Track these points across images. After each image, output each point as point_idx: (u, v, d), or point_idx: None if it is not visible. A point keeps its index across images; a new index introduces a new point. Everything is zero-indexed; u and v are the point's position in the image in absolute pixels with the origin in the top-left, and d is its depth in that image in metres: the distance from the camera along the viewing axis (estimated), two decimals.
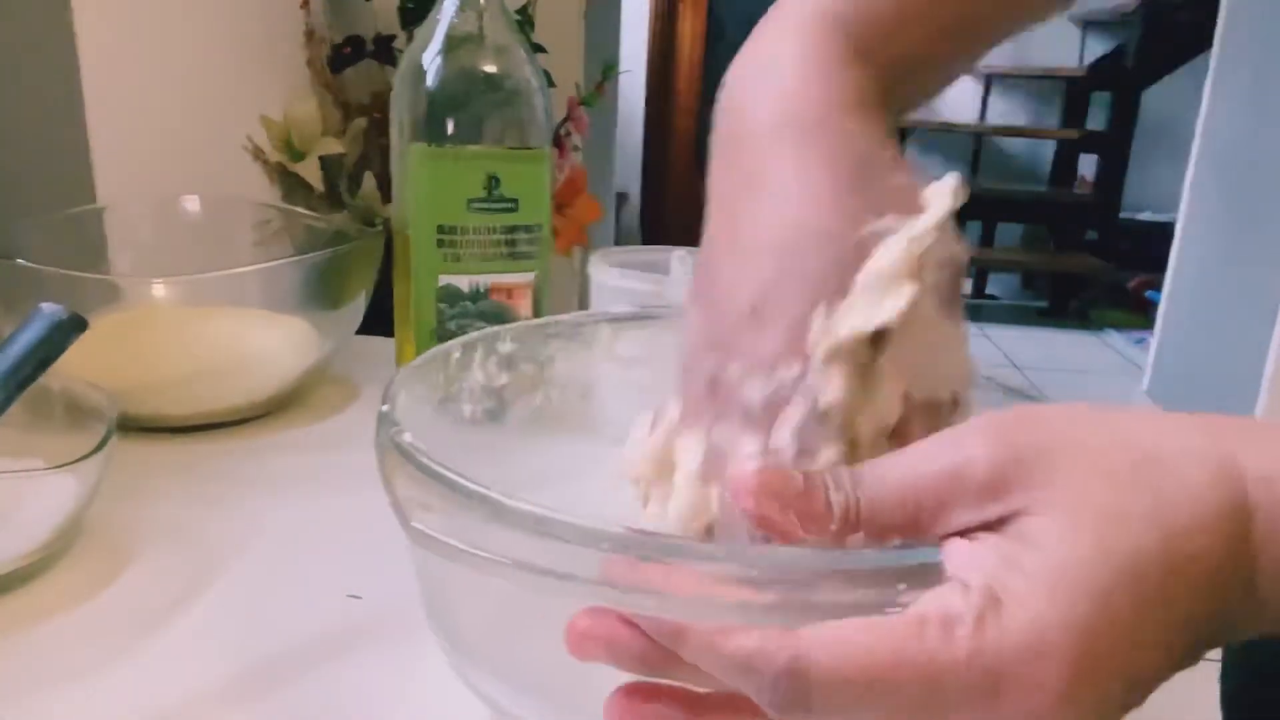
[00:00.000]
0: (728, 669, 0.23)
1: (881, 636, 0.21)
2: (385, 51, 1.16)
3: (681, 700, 0.25)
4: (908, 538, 0.24)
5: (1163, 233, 2.88)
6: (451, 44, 0.56)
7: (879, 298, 0.26)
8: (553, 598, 0.24)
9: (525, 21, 1.18)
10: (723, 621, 0.23)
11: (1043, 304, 3.70)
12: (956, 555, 0.23)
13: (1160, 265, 2.82)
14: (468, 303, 0.58)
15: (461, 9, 0.56)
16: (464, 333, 0.43)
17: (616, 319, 0.45)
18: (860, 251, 0.27)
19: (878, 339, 0.27)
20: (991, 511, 0.23)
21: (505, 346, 0.42)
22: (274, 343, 0.63)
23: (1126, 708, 0.22)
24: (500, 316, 0.58)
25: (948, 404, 0.28)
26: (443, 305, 0.58)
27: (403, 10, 1.16)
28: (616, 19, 2.28)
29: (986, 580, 0.22)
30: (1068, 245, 3.74)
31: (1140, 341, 3.19)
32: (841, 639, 0.22)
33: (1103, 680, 0.21)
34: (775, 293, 0.27)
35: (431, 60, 0.56)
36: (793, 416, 0.27)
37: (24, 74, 0.73)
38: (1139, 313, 3.45)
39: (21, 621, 0.41)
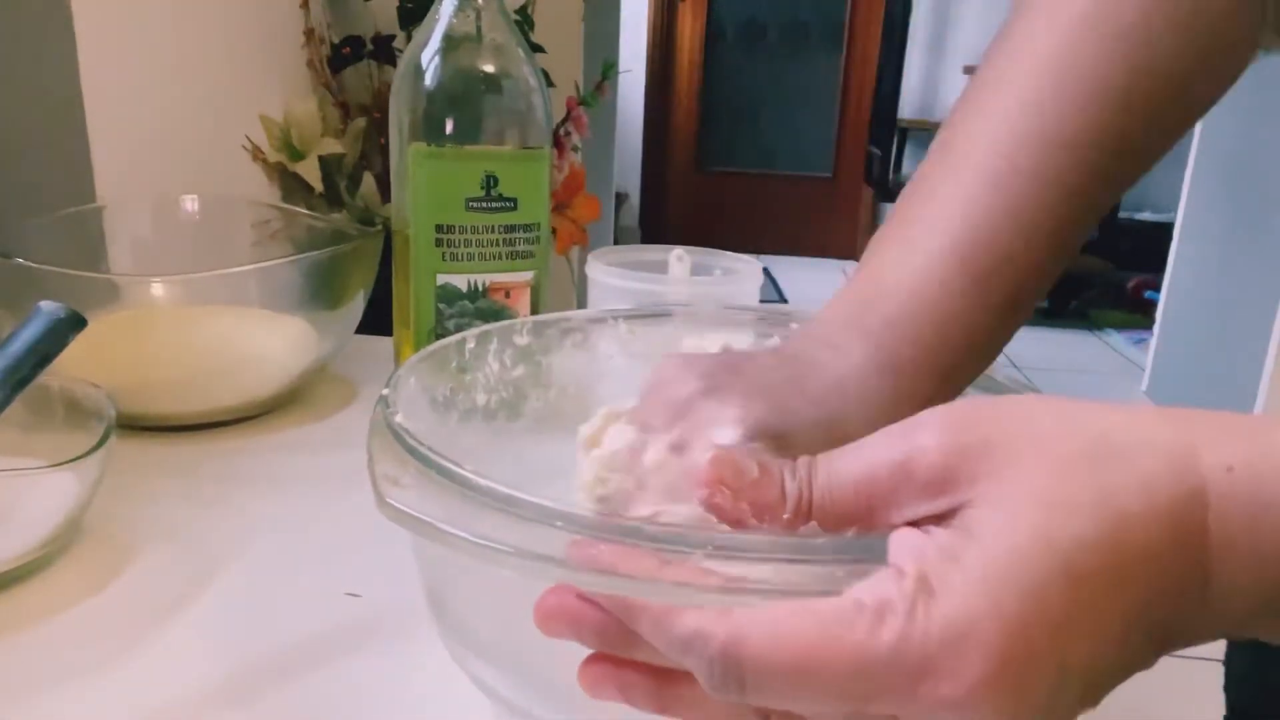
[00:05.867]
0: (672, 647, 0.24)
1: (815, 621, 0.22)
2: (384, 51, 1.17)
3: (650, 670, 0.26)
4: (861, 528, 0.24)
5: (1163, 233, 2.89)
6: (450, 44, 0.56)
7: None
8: (520, 577, 0.25)
9: (524, 21, 1.18)
10: (671, 601, 0.23)
11: (1043, 304, 3.70)
12: (900, 544, 0.23)
13: (1160, 265, 2.82)
14: (466, 302, 0.58)
15: (460, 9, 0.56)
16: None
17: (632, 316, 0.45)
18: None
19: None
20: (940, 504, 0.23)
21: (521, 339, 0.42)
22: (273, 342, 0.63)
23: (1069, 704, 0.22)
24: (499, 316, 0.58)
25: None
26: (441, 305, 0.58)
27: (402, 10, 1.16)
28: (616, 19, 2.28)
29: (923, 569, 0.22)
30: None
31: (1140, 341, 3.19)
32: (776, 623, 0.22)
33: (1033, 672, 0.21)
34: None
35: (430, 60, 0.56)
36: None
37: (24, 74, 0.73)
38: (1139, 313, 3.45)
39: (21, 620, 0.41)
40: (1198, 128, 2.61)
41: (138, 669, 0.38)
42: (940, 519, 0.23)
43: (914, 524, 0.23)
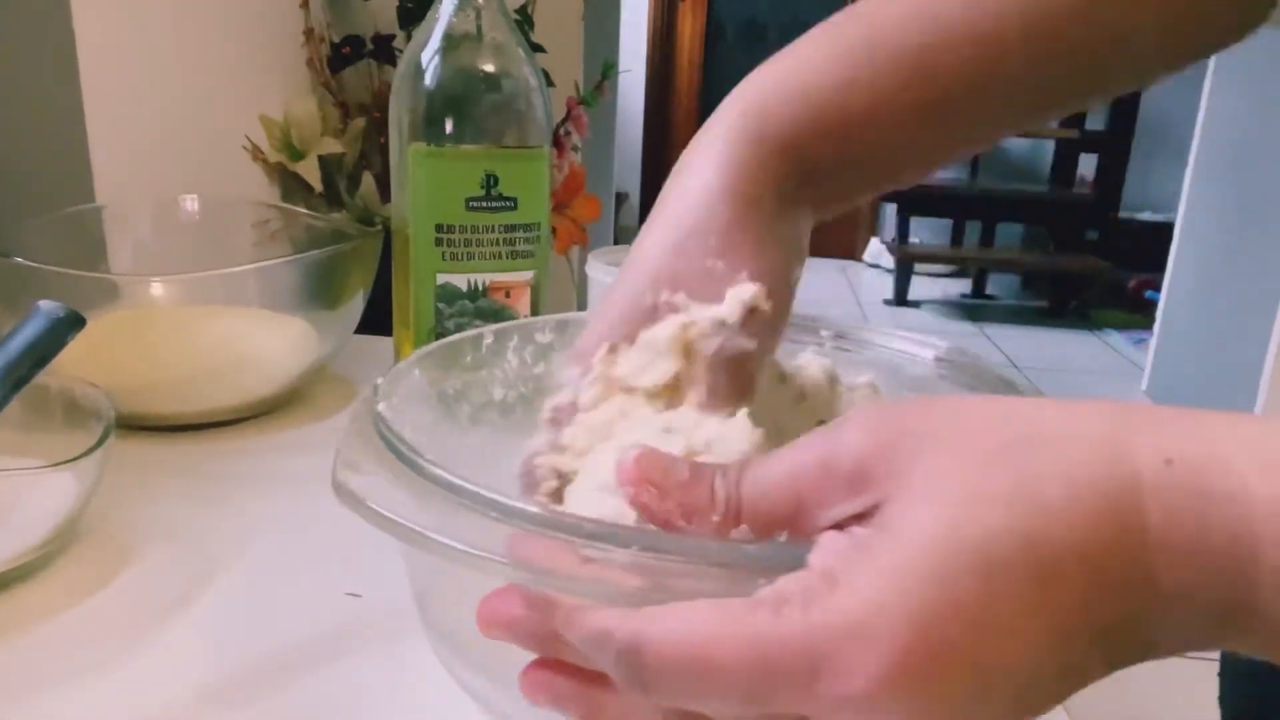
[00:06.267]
0: (584, 644, 0.23)
1: (713, 617, 0.21)
2: (384, 51, 1.17)
3: (587, 675, 0.25)
4: (792, 531, 0.23)
5: (1163, 233, 2.89)
6: (450, 43, 0.56)
7: (649, 361, 0.30)
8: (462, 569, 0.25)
9: (524, 21, 1.18)
10: (589, 599, 0.23)
11: (1043, 304, 3.71)
12: (821, 545, 0.22)
13: (1160, 265, 2.82)
14: (466, 301, 0.58)
15: (460, 8, 0.56)
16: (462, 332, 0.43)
17: None
18: (651, 314, 0.31)
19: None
20: (860, 501, 0.22)
21: (544, 337, 0.42)
22: (273, 342, 0.63)
23: (998, 712, 0.20)
24: (499, 315, 0.58)
25: None
26: (441, 304, 0.58)
27: (402, 10, 1.16)
28: (616, 19, 2.28)
29: (829, 563, 0.21)
30: (1068, 245, 3.75)
31: (1140, 341, 3.19)
32: (676, 620, 0.22)
33: (943, 669, 0.20)
34: (595, 311, 0.33)
35: (430, 60, 0.56)
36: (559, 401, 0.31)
37: (24, 74, 0.73)
38: (1139, 313, 3.45)
39: (20, 620, 0.41)
40: (1198, 127, 2.61)
41: (138, 669, 0.38)
42: (863, 517, 0.22)
43: (841, 525, 0.23)
